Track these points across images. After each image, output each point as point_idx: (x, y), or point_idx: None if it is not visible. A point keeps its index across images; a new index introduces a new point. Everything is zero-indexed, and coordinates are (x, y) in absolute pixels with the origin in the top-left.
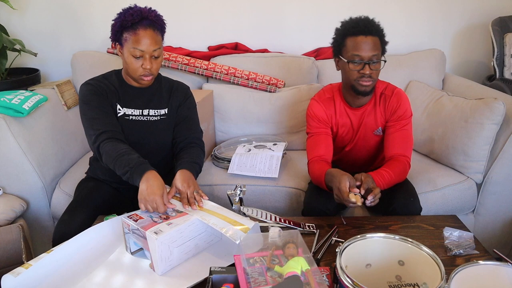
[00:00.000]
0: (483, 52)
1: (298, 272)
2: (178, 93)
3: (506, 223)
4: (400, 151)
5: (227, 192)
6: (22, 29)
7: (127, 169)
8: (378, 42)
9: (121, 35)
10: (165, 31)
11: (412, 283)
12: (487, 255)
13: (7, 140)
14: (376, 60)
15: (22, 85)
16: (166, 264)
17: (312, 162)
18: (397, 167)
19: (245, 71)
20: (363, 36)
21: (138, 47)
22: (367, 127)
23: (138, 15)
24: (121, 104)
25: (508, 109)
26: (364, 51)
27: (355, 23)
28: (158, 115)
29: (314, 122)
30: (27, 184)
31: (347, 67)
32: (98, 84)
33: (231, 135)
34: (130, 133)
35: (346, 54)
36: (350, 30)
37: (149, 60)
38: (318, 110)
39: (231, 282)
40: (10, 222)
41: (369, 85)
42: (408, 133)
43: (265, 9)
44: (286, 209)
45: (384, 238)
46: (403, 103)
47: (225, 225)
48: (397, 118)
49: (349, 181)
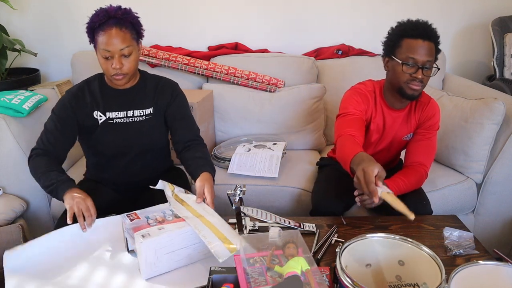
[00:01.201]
0: (483, 52)
1: (298, 272)
2: (165, 91)
3: (506, 223)
4: (422, 160)
5: (227, 192)
6: (22, 29)
7: (51, 184)
8: (433, 48)
9: (93, 37)
10: (139, 28)
11: (412, 283)
12: (487, 255)
13: (7, 140)
14: (429, 66)
15: (22, 85)
16: (152, 269)
17: (344, 136)
18: (414, 177)
19: (245, 71)
20: (421, 40)
21: (106, 47)
22: (399, 130)
23: (104, 15)
24: (102, 110)
25: (508, 109)
26: (419, 55)
27: (414, 25)
28: (143, 115)
29: (351, 106)
30: (27, 184)
31: (400, 68)
32: (76, 95)
33: (231, 135)
34: (117, 136)
35: (401, 55)
36: (408, 32)
37: (118, 59)
38: (361, 97)
39: (231, 282)
40: (10, 222)
41: (419, 89)
42: (433, 144)
43: (265, 9)
44: (286, 209)
45: (384, 238)
46: (437, 114)
47: (214, 240)
48: (428, 127)
49: (379, 171)
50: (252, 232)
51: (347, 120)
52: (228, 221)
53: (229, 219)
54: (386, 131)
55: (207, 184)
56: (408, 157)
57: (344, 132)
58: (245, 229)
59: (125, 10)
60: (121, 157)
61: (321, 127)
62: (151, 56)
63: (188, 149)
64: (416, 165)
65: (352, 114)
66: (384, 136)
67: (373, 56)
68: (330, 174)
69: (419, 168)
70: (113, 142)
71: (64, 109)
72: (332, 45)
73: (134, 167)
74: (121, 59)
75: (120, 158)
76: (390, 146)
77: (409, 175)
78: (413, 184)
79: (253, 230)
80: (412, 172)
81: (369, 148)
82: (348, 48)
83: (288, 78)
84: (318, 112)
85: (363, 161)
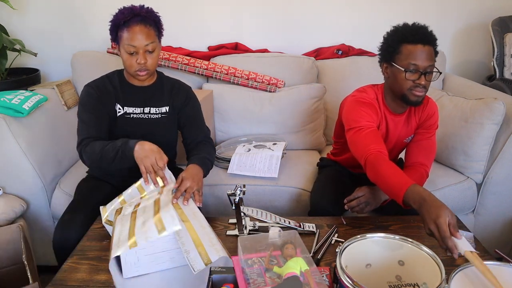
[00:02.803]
0: (483, 52)
1: (297, 272)
2: (180, 94)
3: (506, 223)
4: (422, 160)
5: (227, 192)
6: (22, 29)
7: (117, 149)
8: (433, 52)
9: (116, 34)
10: (161, 26)
11: (412, 283)
12: (487, 255)
13: (7, 140)
14: (430, 70)
15: (22, 85)
16: (133, 269)
17: (374, 155)
18: (415, 177)
19: (245, 71)
20: (421, 45)
21: (131, 43)
22: (401, 134)
23: (129, 12)
24: (121, 103)
25: (508, 109)
26: (421, 61)
27: (414, 30)
28: (159, 112)
29: (364, 119)
30: (27, 184)
31: (402, 75)
32: (98, 86)
33: (231, 135)
34: (132, 130)
35: (401, 62)
36: (408, 37)
37: (143, 55)
38: (371, 107)
39: (231, 282)
40: (10, 222)
41: (422, 95)
42: (433, 144)
43: (265, 9)
44: (286, 209)
45: (384, 238)
46: (436, 112)
47: (192, 249)
48: (428, 126)
49: (449, 218)
50: (252, 232)
51: (364, 135)
52: (228, 221)
53: (229, 219)
54: (389, 136)
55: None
56: (409, 157)
57: (372, 150)
58: (245, 229)
59: (148, 9)
60: None
61: (321, 127)
62: None
63: (195, 148)
64: (417, 166)
65: (368, 127)
66: (388, 142)
67: (373, 56)
68: (330, 175)
69: (419, 168)
70: (128, 137)
71: (92, 98)
72: (332, 45)
73: None
74: (145, 55)
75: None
76: (392, 149)
77: (411, 176)
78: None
79: (253, 230)
80: (413, 172)
81: None
82: (348, 48)
83: (288, 78)
84: (318, 112)
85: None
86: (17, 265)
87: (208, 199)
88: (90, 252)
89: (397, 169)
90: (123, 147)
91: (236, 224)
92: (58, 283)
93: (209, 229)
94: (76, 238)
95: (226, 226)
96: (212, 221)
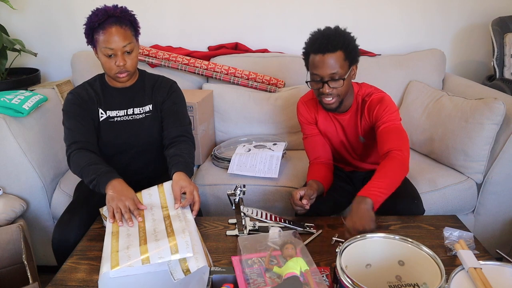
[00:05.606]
0: (483, 52)
1: (297, 272)
2: (162, 88)
3: (506, 223)
4: (392, 145)
5: (227, 192)
6: (22, 29)
7: (94, 177)
8: (340, 57)
9: (92, 37)
10: (137, 25)
11: (412, 283)
12: (487, 255)
13: (7, 140)
14: (337, 77)
15: (22, 85)
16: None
17: (310, 165)
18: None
19: (245, 71)
20: (321, 54)
21: (108, 45)
22: (351, 134)
23: (103, 14)
24: (103, 108)
25: (508, 109)
26: (321, 70)
27: (314, 39)
28: (143, 112)
29: (304, 124)
30: (27, 184)
31: (310, 84)
32: (79, 93)
33: (231, 135)
34: (117, 134)
35: (310, 72)
36: (311, 47)
37: (121, 56)
38: (304, 111)
39: (231, 282)
40: (10, 222)
41: (332, 102)
42: (396, 127)
43: (265, 9)
44: (286, 209)
45: (384, 238)
46: (384, 101)
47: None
48: (380, 115)
49: (304, 192)
50: (252, 232)
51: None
52: (228, 221)
53: (229, 219)
54: (340, 134)
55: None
56: (381, 148)
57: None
58: (245, 229)
59: (122, 8)
60: (122, 155)
61: None
62: (151, 56)
63: (172, 145)
64: (390, 153)
65: (310, 134)
66: (343, 138)
67: (373, 56)
68: None
69: (392, 154)
70: (114, 141)
71: (75, 105)
72: None
73: (135, 166)
74: (124, 56)
75: (121, 157)
76: (356, 145)
77: (389, 166)
78: (397, 172)
79: (253, 230)
80: (390, 162)
81: (338, 150)
82: None
83: (288, 78)
84: None
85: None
86: (17, 265)
87: (208, 199)
88: (90, 252)
89: (314, 170)
90: (99, 179)
91: (236, 224)
92: (58, 283)
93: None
94: (75, 238)
95: (226, 226)
96: (212, 221)
